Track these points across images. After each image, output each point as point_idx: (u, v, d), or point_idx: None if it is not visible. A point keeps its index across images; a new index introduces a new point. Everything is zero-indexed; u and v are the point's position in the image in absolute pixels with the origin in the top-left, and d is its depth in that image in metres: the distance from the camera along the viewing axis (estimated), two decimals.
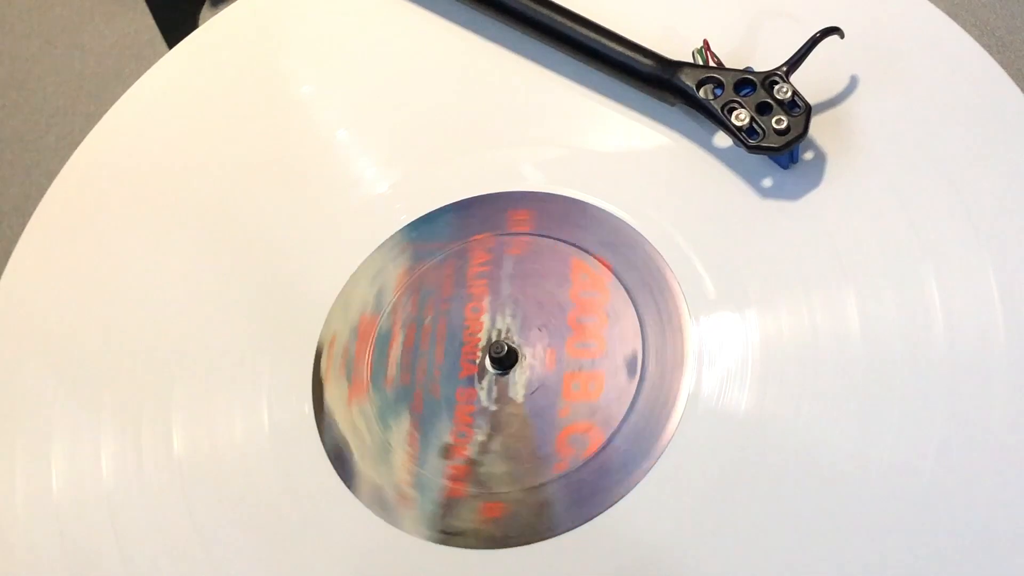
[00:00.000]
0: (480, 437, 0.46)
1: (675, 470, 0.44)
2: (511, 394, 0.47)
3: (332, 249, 0.52)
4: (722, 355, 0.46)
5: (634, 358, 0.46)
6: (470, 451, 0.46)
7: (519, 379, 0.47)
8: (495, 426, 0.46)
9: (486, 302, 0.49)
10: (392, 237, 0.52)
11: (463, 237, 0.51)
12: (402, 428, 0.48)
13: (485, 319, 0.49)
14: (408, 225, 0.52)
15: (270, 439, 0.49)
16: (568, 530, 0.44)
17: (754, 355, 0.45)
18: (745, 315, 0.46)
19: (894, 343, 0.44)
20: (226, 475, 0.48)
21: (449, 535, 0.45)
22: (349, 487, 0.47)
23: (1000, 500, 0.41)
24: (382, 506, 0.46)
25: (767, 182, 0.49)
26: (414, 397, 0.48)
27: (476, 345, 0.48)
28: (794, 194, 0.48)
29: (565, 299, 0.48)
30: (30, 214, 0.57)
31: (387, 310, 0.50)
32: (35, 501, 0.49)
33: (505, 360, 0.47)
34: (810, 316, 0.45)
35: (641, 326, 0.47)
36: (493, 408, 0.47)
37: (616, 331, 0.47)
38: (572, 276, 0.49)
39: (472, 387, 0.47)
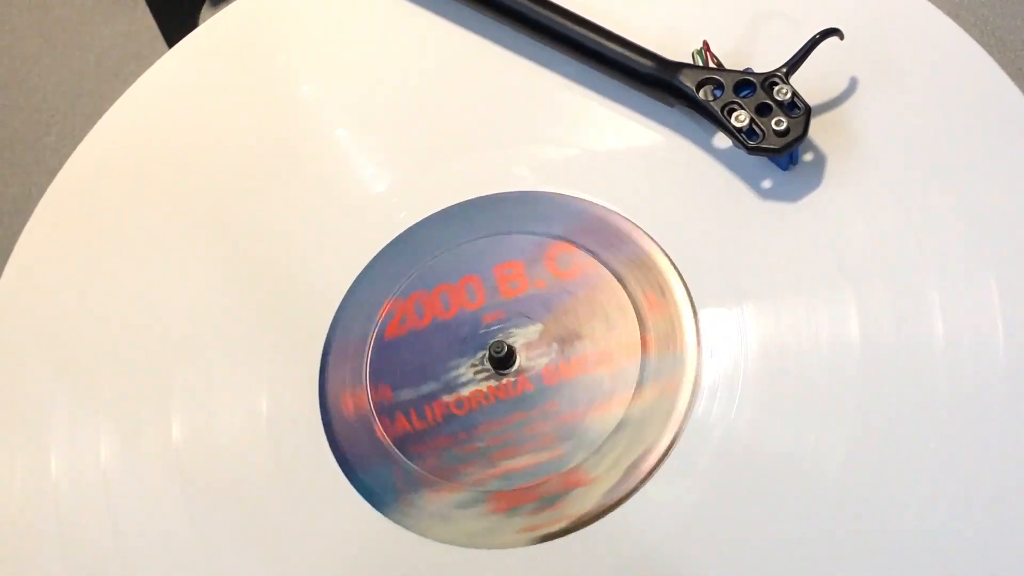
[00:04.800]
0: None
1: (674, 472, 0.44)
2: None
3: (331, 248, 0.52)
4: (721, 356, 0.46)
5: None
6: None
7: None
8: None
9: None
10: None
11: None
12: None
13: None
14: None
15: (270, 434, 0.49)
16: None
17: (753, 356, 0.45)
18: (745, 316, 0.46)
19: (893, 344, 0.44)
20: (225, 471, 0.49)
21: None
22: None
23: (1001, 503, 0.41)
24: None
25: (767, 183, 0.49)
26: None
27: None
28: (794, 195, 0.48)
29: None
30: (30, 214, 0.57)
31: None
32: (33, 493, 0.50)
33: (505, 360, 0.47)
34: (810, 317, 0.45)
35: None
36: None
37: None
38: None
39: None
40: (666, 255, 0.48)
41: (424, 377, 0.49)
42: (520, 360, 0.47)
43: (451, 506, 0.46)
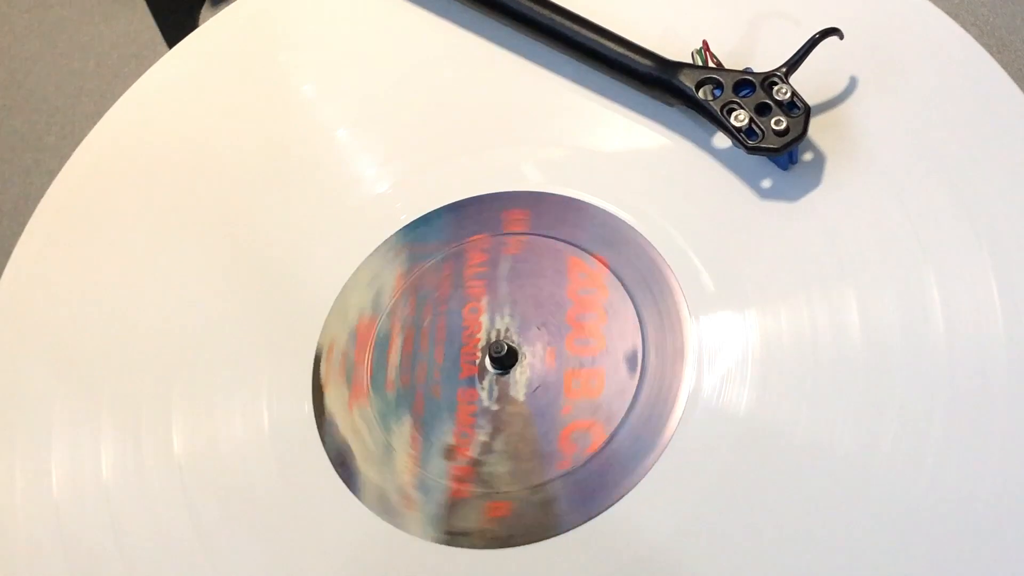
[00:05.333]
0: (482, 437, 0.46)
1: (677, 467, 0.44)
2: (512, 393, 0.47)
3: (332, 248, 0.52)
4: (722, 354, 0.46)
5: (634, 354, 0.46)
6: (473, 451, 0.46)
7: (519, 378, 0.47)
8: (497, 426, 0.46)
9: (484, 302, 0.49)
10: (388, 240, 0.52)
11: (459, 238, 0.51)
12: (404, 430, 0.48)
13: (484, 319, 0.49)
14: (404, 227, 0.52)
15: (270, 440, 0.49)
16: (572, 528, 0.44)
17: (754, 354, 0.45)
18: (745, 315, 0.46)
19: (894, 343, 0.44)
20: (226, 475, 0.48)
21: (454, 535, 0.45)
22: (352, 490, 0.47)
23: (1001, 500, 0.41)
24: (385, 508, 0.46)
25: (766, 183, 0.49)
26: (415, 399, 0.48)
27: (475, 345, 0.48)
28: (793, 195, 0.48)
29: (563, 297, 0.48)
30: (30, 214, 0.57)
31: (385, 313, 0.50)
32: (35, 499, 0.50)
33: (505, 360, 0.47)
34: (810, 316, 0.45)
35: (641, 324, 0.47)
36: (495, 408, 0.47)
37: (615, 328, 0.47)
38: (569, 274, 0.49)
39: (473, 387, 0.47)
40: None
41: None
42: (520, 359, 0.47)
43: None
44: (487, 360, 0.48)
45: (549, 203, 0.51)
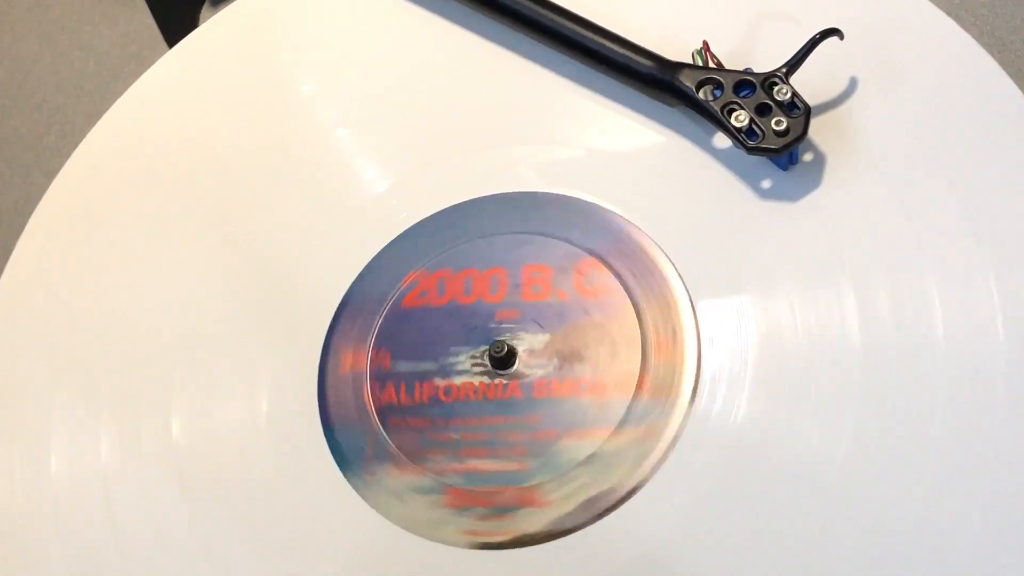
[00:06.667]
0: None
1: (677, 468, 0.44)
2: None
3: (332, 248, 0.52)
4: (722, 355, 0.46)
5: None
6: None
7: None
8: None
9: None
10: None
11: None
12: None
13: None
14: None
15: (270, 439, 0.49)
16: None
17: (754, 355, 0.45)
18: (745, 316, 0.46)
19: (894, 344, 0.44)
20: (226, 475, 0.49)
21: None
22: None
23: (1000, 501, 0.41)
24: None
25: (766, 183, 0.49)
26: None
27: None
28: (793, 195, 0.48)
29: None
30: (30, 214, 0.57)
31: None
32: (35, 498, 0.50)
33: (504, 360, 0.47)
34: (810, 317, 0.45)
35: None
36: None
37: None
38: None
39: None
40: (666, 254, 0.48)
41: (424, 354, 0.49)
42: (519, 364, 0.47)
43: (409, 488, 0.46)
44: (487, 356, 0.48)
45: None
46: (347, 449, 0.48)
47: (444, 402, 0.48)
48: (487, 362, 0.48)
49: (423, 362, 0.49)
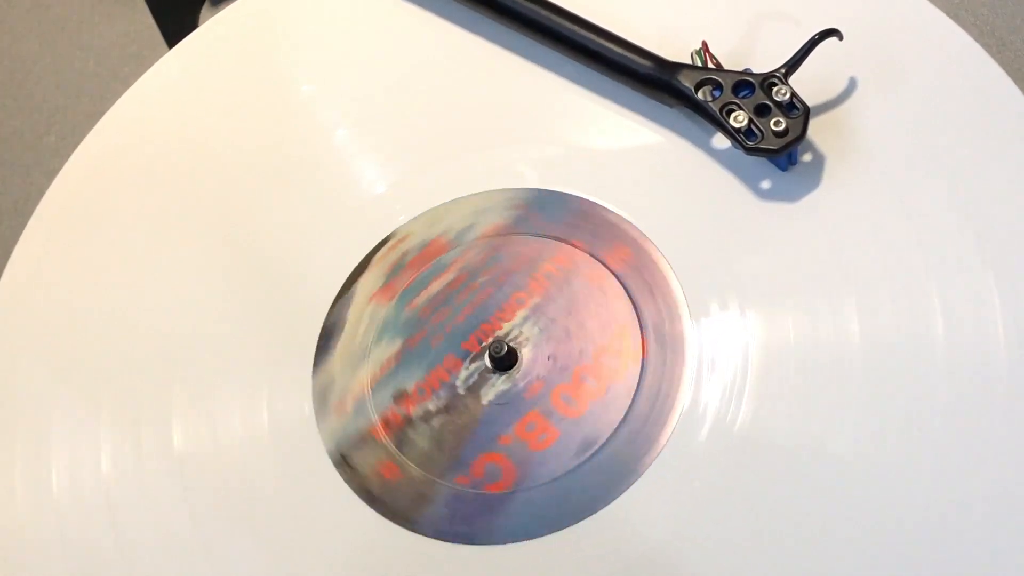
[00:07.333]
0: (431, 406, 0.47)
1: (676, 472, 0.44)
2: (482, 391, 0.47)
3: (332, 248, 0.53)
4: (721, 355, 0.46)
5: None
6: (415, 410, 0.47)
7: (498, 385, 0.47)
8: (449, 406, 0.47)
9: (531, 302, 0.49)
10: (520, 191, 0.52)
11: (568, 236, 0.50)
12: (388, 350, 0.49)
13: (518, 315, 0.49)
14: (541, 192, 0.51)
15: (270, 439, 0.49)
16: (436, 537, 0.45)
17: (753, 357, 0.45)
18: (745, 317, 0.46)
19: (894, 345, 0.44)
20: (226, 475, 0.49)
21: (343, 461, 0.47)
22: (314, 365, 0.49)
23: (1001, 501, 0.41)
24: (320, 401, 0.48)
25: (765, 184, 0.49)
26: (416, 333, 0.49)
27: (492, 331, 0.48)
28: (793, 196, 0.48)
29: (588, 347, 0.47)
30: (30, 214, 0.57)
31: (460, 247, 0.50)
32: (35, 499, 0.50)
33: (501, 361, 0.47)
34: (809, 319, 0.45)
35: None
36: (460, 391, 0.47)
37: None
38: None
39: (461, 361, 0.48)
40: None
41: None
42: (518, 365, 0.47)
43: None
44: (486, 351, 0.48)
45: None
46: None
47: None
48: (487, 362, 0.48)
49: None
